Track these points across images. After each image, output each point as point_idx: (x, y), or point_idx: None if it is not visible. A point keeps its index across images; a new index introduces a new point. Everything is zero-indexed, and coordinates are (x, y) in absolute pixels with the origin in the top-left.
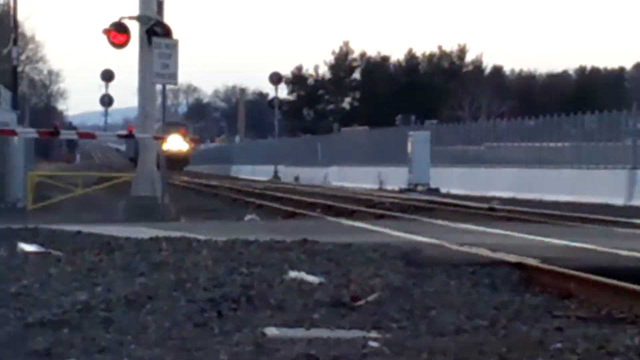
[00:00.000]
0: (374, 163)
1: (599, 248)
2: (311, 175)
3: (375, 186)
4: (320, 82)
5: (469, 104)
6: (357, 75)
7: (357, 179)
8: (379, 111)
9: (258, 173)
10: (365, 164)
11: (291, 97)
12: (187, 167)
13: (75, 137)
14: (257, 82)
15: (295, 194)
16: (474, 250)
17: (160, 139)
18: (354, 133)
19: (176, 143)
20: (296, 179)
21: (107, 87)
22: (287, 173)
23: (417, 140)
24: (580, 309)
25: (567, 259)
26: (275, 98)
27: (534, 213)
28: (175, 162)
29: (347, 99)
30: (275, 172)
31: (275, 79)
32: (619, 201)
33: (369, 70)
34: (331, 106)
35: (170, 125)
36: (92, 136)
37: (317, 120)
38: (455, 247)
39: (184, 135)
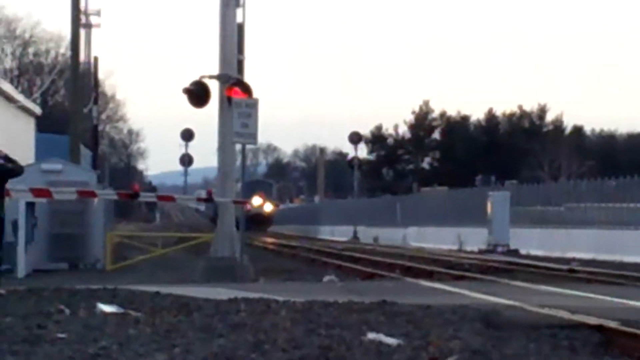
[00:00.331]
0: (453, 224)
1: None
2: (390, 235)
3: (455, 247)
4: (400, 141)
5: (549, 164)
6: (436, 134)
7: (436, 239)
8: (459, 171)
9: (337, 233)
10: (444, 225)
11: (371, 157)
12: (270, 228)
13: (154, 199)
14: (337, 142)
15: (374, 254)
16: (553, 312)
17: (240, 202)
18: (433, 193)
19: (260, 203)
20: (375, 239)
21: (187, 146)
22: (366, 233)
23: (497, 200)
24: None
25: None
26: (355, 158)
27: (615, 275)
28: (259, 222)
29: (427, 159)
30: (355, 232)
31: (355, 138)
32: None
33: (449, 130)
34: (410, 166)
35: (254, 185)
36: (171, 199)
37: (396, 180)
38: (534, 309)
39: (265, 198)
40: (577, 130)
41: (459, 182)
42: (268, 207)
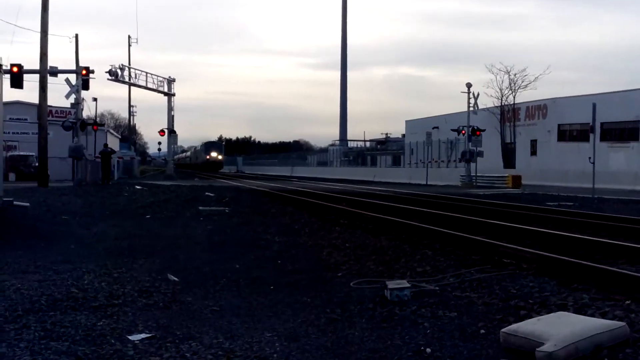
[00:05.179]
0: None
1: (283, 186)
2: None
3: (229, 172)
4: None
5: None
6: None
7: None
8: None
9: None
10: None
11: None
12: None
13: (151, 159)
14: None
15: (207, 175)
16: (254, 187)
17: (173, 160)
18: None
19: (215, 155)
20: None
21: (160, 143)
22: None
23: (239, 159)
24: (276, 202)
25: (275, 188)
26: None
27: (271, 177)
28: (214, 166)
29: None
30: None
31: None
32: (288, 174)
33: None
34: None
35: (212, 143)
36: (154, 159)
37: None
38: (249, 186)
39: (218, 152)
40: (260, 142)
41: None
42: (219, 157)
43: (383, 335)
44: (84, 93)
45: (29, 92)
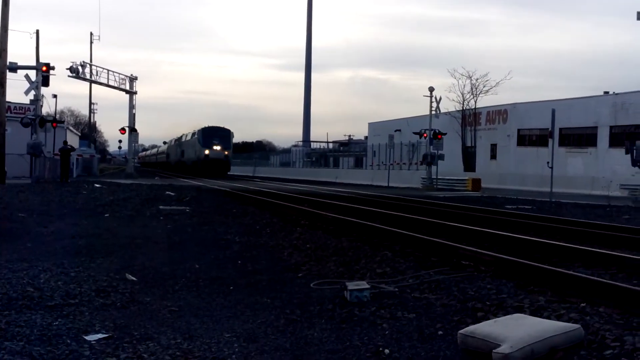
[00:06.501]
0: None
1: (245, 187)
2: None
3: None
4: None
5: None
6: None
7: None
8: None
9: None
10: None
11: None
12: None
13: (111, 158)
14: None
15: (169, 170)
16: (215, 187)
17: (133, 158)
18: None
19: (219, 149)
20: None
21: (120, 141)
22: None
23: None
24: (238, 202)
25: (237, 188)
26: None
27: (233, 177)
28: (217, 168)
29: None
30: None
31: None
32: (250, 174)
33: None
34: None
35: (215, 131)
36: (115, 157)
37: None
38: (210, 186)
39: (224, 145)
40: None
41: None
42: (225, 153)
43: (342, 336)
44: (43, 90)
45: None
